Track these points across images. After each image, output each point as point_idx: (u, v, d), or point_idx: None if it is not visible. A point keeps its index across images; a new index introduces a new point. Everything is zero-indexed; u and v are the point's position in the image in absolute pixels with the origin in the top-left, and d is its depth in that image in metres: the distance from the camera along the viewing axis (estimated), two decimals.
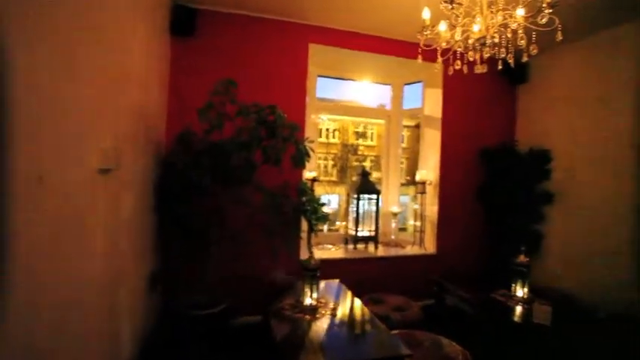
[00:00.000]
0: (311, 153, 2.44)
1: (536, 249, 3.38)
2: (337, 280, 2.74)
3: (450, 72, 2.05)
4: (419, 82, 3.89)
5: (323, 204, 2.67)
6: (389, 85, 4.03)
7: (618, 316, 2.53)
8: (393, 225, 3.72)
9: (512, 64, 1.83)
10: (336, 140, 5.29)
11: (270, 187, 2.46)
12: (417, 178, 3.47)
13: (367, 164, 5.62)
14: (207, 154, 2.21)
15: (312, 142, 2.49)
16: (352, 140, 4.85)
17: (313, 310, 2.06)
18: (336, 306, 2.16)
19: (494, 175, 3.49)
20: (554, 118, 3.41)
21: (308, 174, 3.27)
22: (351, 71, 3.76)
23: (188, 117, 2.38)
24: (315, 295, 2.12)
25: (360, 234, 3.38)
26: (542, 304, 2.14)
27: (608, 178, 2.90)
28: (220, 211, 2.41)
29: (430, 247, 3.46)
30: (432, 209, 3.47)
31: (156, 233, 2.42)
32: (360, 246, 3.44)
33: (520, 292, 2.36)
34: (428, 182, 3.43)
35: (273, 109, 2.26)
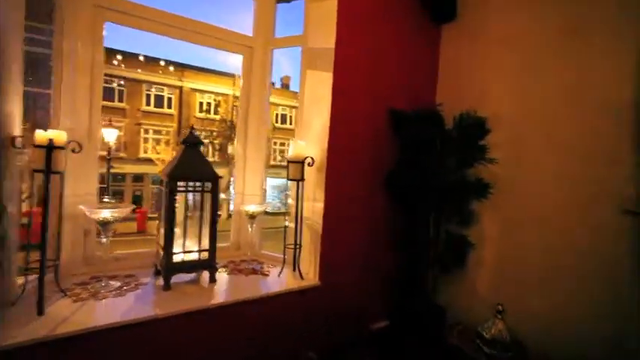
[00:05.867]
0: None
1: (461, 263, 2.29)
2: None
3: None
4: None
5: None
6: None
7: None
8: (250, 232, 2.17)
9: None
10: (217, 116, 4.72)
11: None
12: (290, 154, 1.97)
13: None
14: None
15: None
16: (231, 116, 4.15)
17: None
18: None
19: (411, 153, 2.25)
20: (494, 72, 2.29)
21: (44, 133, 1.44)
22: None
23: None
24: None
25: (179, 257, 1.74)
26: None
27: (579, 162, 1.89)
28: None
29: (310, 271, 2.04)
30: (316, 207, 2.04)
31: None
32: (185, 279, 1.81)
33: None
34: (308, 162, 1.96)
35: None
